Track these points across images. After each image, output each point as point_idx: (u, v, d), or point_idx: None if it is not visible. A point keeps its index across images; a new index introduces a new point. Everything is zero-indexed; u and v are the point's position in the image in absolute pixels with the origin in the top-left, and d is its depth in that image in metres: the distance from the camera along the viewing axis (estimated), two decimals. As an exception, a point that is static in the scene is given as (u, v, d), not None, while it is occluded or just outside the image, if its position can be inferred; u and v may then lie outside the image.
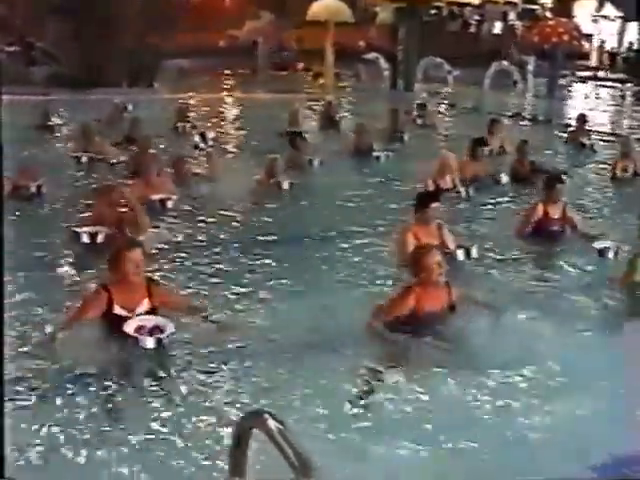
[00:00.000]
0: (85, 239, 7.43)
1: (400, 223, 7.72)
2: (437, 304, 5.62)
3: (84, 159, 11.64)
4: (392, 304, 5.66)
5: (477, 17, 39.04)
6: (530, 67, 25.59)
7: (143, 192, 8.70)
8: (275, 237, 8.23)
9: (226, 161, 12.15)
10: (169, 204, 9.01)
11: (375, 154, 12.56)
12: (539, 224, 8.10)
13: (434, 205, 7.17)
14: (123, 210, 7.67)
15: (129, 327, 5.12)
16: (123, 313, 5.26)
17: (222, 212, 9.15)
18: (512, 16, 38.94)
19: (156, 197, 8.93)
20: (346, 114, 18.25)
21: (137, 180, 9.38)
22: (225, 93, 23.42)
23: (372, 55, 26.79)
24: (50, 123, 15.28)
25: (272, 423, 2.13)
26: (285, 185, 10.11)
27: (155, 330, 5.15)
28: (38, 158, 11.72)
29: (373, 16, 34.40)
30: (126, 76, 22.90)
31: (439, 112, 19.36)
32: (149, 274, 5.80)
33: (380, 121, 15.13)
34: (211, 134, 14.31)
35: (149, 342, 5.10)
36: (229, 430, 3.69)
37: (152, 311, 5.37)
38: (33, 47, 27.39)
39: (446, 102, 21.53)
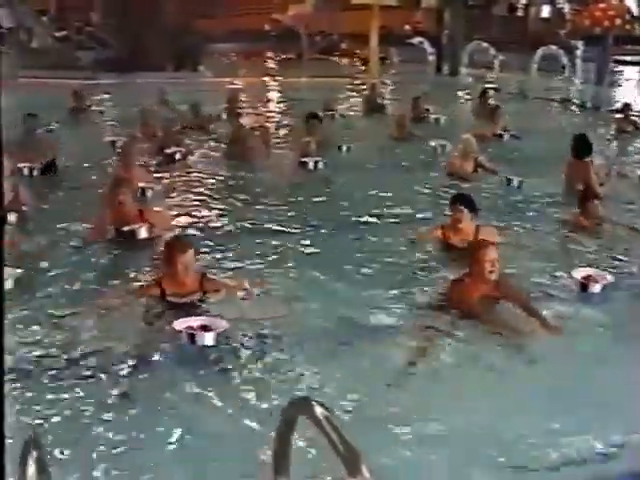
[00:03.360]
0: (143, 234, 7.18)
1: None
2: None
3: (119, 143, 11.46)
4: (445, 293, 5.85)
5: (524, 0, 38.42)
6: (579, 52, 25.08)
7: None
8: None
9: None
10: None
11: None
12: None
13: (461, 207, 7.08)
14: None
15: (178, 326, 5.06)
16: (174, 300, 5.51)
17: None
18: (561, -1, 38.23)
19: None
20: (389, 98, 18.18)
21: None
22: (269, 77, 23.41)
23: (417, 39, 26.54)
24: (85, 106, 15.34)
25: (319, 410, 2.13)
26: (311, 165, 10.32)
27: (204, 328, 5.04)
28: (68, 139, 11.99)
29: (418, -1, 34.13)
30: (171, 60, 23.01)
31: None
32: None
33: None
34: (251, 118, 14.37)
35: (207, 338, 4.99)
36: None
37: (202, 301, 5.57)
38: (81, 31, 27.70)
39: (492, 87, 21.23)
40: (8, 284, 5.74)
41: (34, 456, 1.92)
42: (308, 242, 7.52)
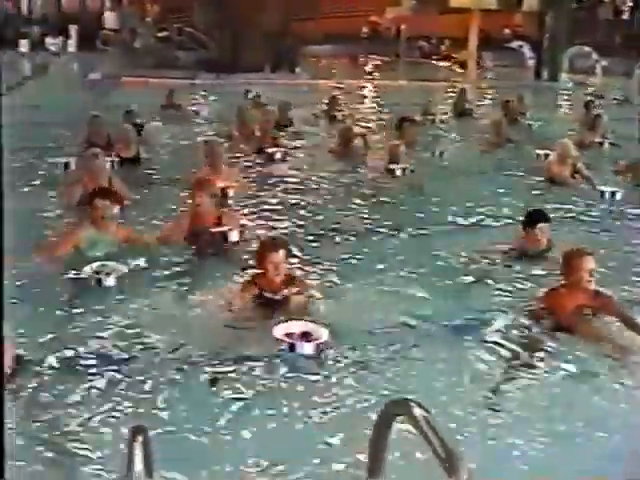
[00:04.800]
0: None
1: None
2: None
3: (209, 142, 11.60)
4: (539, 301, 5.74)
5: (630, 3, 37.26)
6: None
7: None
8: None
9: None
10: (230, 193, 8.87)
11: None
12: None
13: (541, 225, 6.90)
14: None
15: (278, 332, 5.03)
16: (269, 295, 5.60)
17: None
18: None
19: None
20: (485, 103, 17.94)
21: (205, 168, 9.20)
22: (366, 80, 23.43)
23: (516, 43, 26.12)
24: (179, 105, 15.68)
25: (418, 411, 2.10)
26: (398, 172, 10.09)
27: (306, 336, 4.99)
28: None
29: (519, 2, 33.48)
30: (269, 61, 23.30)
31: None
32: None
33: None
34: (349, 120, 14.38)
35: (307, 348, 4.93)
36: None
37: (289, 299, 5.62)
38: (182, 32, 28.34)
39: (594, 93, 20.71)
40: (111, 281, 5.98)
41: (140, 441, 1.97)
42: (391, 245, 7.55)
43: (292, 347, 4.90)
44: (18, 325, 5.29)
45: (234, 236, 7.01)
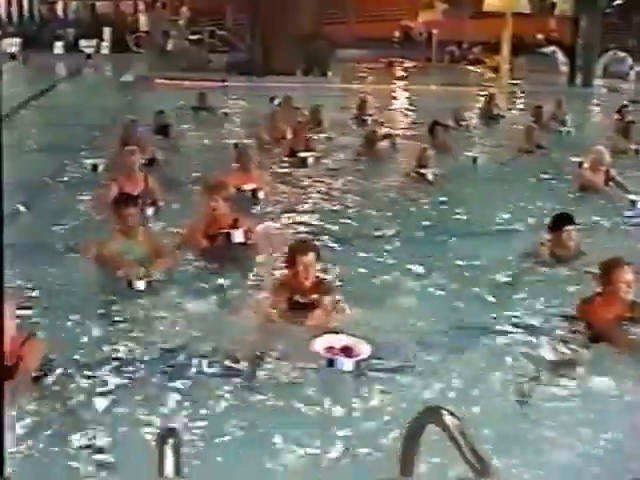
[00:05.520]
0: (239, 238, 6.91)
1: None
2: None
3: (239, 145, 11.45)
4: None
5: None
6: None
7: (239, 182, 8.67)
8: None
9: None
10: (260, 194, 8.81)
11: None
12: None
13: (567, 228, 6.84)
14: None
15: (318, 345, 4.84)
16: (299, 299, 5.60)
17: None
18: None
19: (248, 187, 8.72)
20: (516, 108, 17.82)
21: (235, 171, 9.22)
22: (397, 84, 23.39)
23: (550, 48, 25.92)
24: (210, 107, 15.71)
25: (449, 419, 2.09)
26: (430, 176, 10.01)
27: (346, 350, 4.82)
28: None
29: (552, 7, 33.23)
30: (301, 64, 23.34)
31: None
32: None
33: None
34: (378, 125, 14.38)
35: (347, 365, 4.71)
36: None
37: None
38: (214, 35, 28.53)
39: (628, 99, 20.49)
40: (141, 285, 6.02)
41: (171, 443, 1.98)
42: (423, 250, 7.54)
43: (331, 362, 4.72)
44: (50, 326, 5.37)
45: (238, 236, 6.81)
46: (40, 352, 4.72)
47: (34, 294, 6.03)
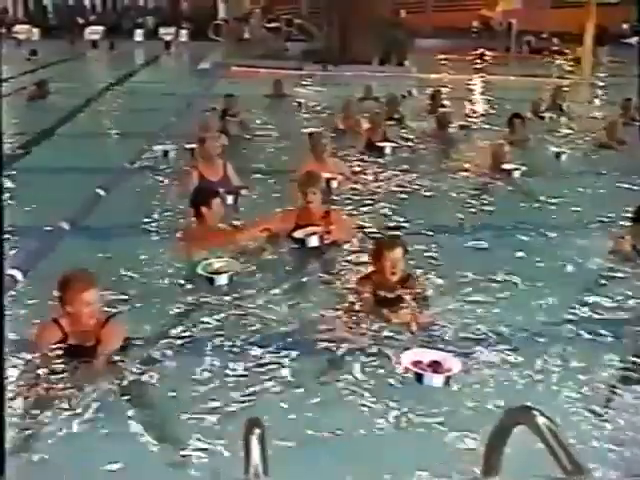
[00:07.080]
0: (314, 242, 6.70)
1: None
2: None
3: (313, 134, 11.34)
4: None
5: None
6: None
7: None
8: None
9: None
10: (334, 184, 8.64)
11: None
12: None
13: None
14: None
15: (406, 359, 4.71)
16: (384, 294, 5.53)
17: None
18: None
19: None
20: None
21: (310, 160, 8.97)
22: (475, 75, 23.00)
23: (635, 39, 25.15)
24: (285, 94, 15.90)
25: (541, 420, 2.03)
26: (516, 174, 9.63)
27: (435, 365, 4.64)
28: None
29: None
30: (377, 53, 23.18)
31: None
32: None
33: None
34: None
35: (436, 380, 4.56)
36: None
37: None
38: (291, 24, 28.60)
39: None
40: (223, 280, 5.93)
41: (257, 433, 1.96)
42: (509, 247, 7.31)
43: (419, 377, 4.57)
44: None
45: (313, 242, 6.64)
46: (121, 334, 4.78)
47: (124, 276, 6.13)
